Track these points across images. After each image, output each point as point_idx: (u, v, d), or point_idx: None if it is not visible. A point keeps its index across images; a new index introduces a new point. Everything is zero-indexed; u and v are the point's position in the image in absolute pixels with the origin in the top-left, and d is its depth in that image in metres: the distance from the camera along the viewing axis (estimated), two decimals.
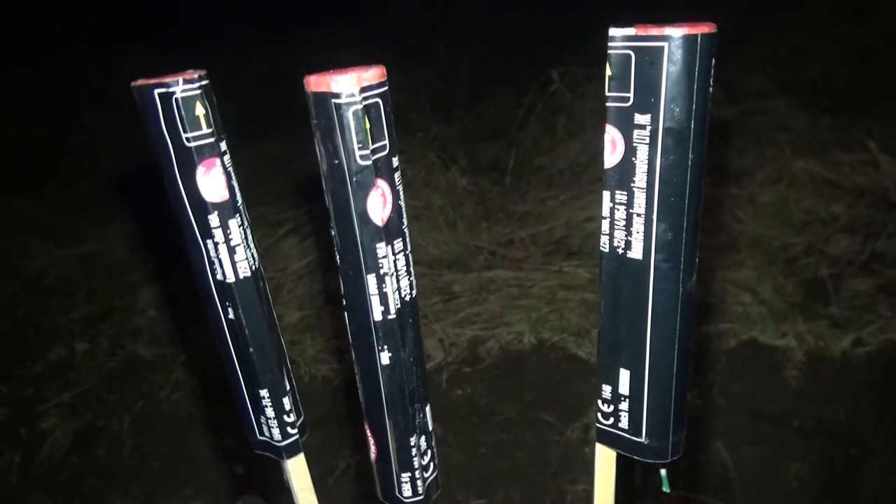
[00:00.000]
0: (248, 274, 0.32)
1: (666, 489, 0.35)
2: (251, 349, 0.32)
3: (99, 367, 1.33)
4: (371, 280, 0.28)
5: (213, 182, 0.30)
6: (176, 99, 0.29)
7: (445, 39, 2.57)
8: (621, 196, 0.30)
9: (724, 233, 1.46)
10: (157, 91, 0.29)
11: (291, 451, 0.35)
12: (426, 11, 2.83)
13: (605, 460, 0.35)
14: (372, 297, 0.28)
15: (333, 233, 0.29)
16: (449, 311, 1.33)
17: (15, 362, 1.38)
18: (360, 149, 0.26)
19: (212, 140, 0.30)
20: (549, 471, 1.04)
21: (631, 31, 0.28)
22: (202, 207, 0.30)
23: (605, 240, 0.31)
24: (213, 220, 0.31)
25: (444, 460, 1.10)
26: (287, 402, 0.34)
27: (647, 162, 0.29)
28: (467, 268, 1.46)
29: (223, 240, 0.31)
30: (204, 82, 0.30)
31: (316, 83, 0.26)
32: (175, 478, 1.13)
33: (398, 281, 0.29)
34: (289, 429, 0.34)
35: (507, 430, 1.10)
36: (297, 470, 0.35)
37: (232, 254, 0.31)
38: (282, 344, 0.35)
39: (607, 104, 0.29)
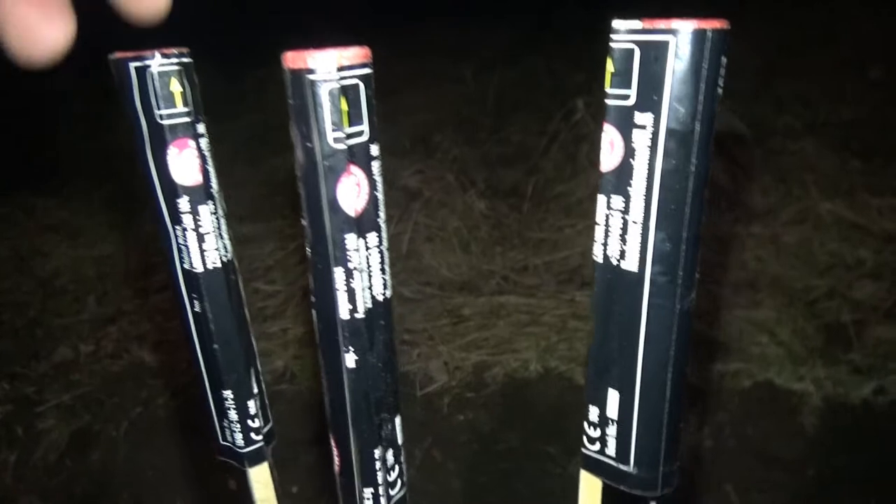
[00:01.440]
0: (218, 265, 0.30)
1: None
2: (216, 346, 0.30)
3: (102, 370, 1.32)
4: (339, 274, 0.26)
5: (184, 164, 0.29)
6: (151, 73, 0.28)
7: (474, 64, 2.57)
8: (617, 202, 0.28)
9: (744, 271, 1.42)
10: (133, 64, 0.28)
11: (254, 459, 0.33)
12: (456, 35, 2.84)
13: (589, 490, 0.32)
14: (339, 293, 0.26)
15: (304, 223, 0.27)
16: (456, 335, 1.31)
17: (20, 361, 1.38)
18: (333, 130, 0.24)
19: (187, 119, 0.28)
20: None
21: (637, 23, 0.26)
22: (172, 190, 0.29)
23: (598, 249, 0.29)
24: (183, 204, 0.29)
25: (442, 487, 1.07)
26: (252, 406, 0.32)
27: (646, 165, 0.27)
28: (478, 291, 1.44)
29: (192, 226, 0.29)
30: (184, 59, 0.28)
31: (293, 59, 0.24)
32: (167, 488, 1.11)
33: (370, 278, 0.27)
34: (253, 434, 0.32)
35: (509, 460, 1.07)
36: (260, 480, 0.33)
37: (201, 242, 0.30)
38: (252, 344, 0.33)
39: (606, 101, 0.27)
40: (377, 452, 0.28)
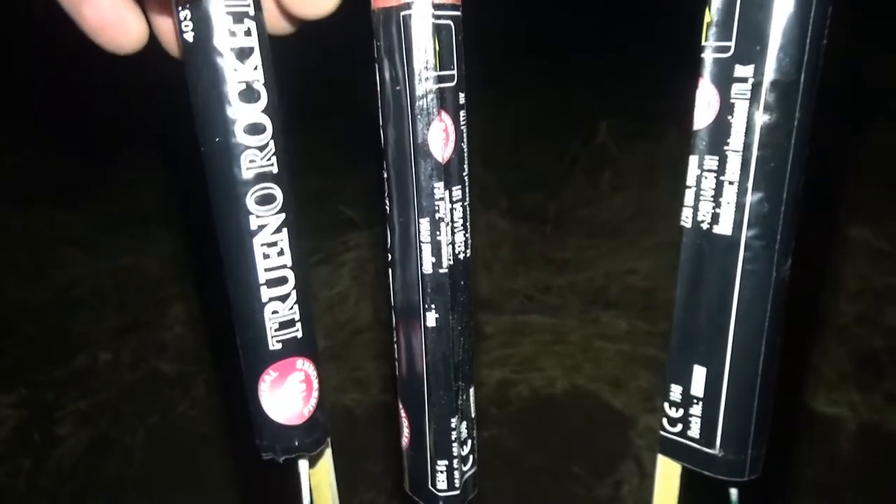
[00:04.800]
0: None
1: None
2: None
3: (119, 379, 1.31)
4: (424, 225, 0.25)
5: None
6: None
7: (493, 92, 2.58)
8: (711, 161, 0.26)
9: None
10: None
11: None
12: (477, 65, 2.85)
13: (667, 476, 0.30)
14: (423, 245, 0.25)
15: (386, 175, 0.26)
16: (479, 351, 1.28)
17: (38, 368, 1.37)
18: (425, 69, 0.23)
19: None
20: None
21: None
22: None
23: (687, 213, 0.27)
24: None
25: None
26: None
27: (745, 121, 0.25)
28: (501, 310, 1.42)
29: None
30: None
31: None
32: (183, 498, 1.08)
33: (453, 234, 0.26)
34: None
35: (533, 479, 1.04)
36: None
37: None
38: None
39: (703, 55, 0.26)
40: (453, 422, 0.27)
